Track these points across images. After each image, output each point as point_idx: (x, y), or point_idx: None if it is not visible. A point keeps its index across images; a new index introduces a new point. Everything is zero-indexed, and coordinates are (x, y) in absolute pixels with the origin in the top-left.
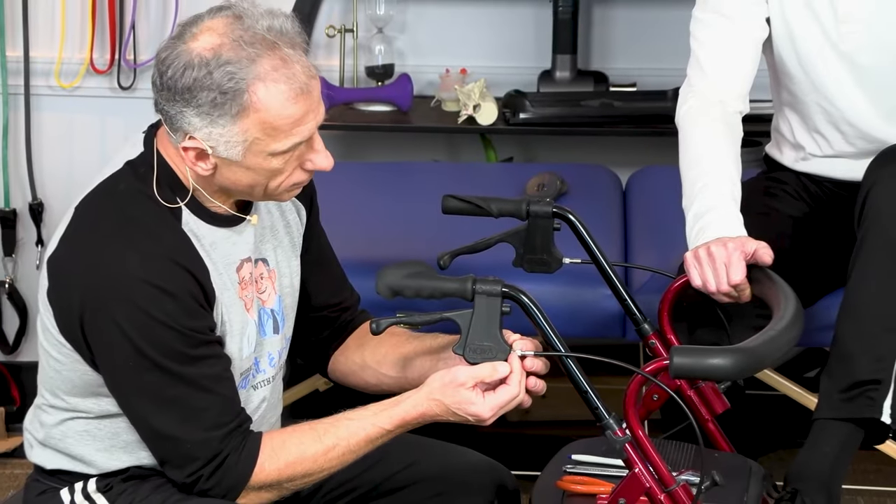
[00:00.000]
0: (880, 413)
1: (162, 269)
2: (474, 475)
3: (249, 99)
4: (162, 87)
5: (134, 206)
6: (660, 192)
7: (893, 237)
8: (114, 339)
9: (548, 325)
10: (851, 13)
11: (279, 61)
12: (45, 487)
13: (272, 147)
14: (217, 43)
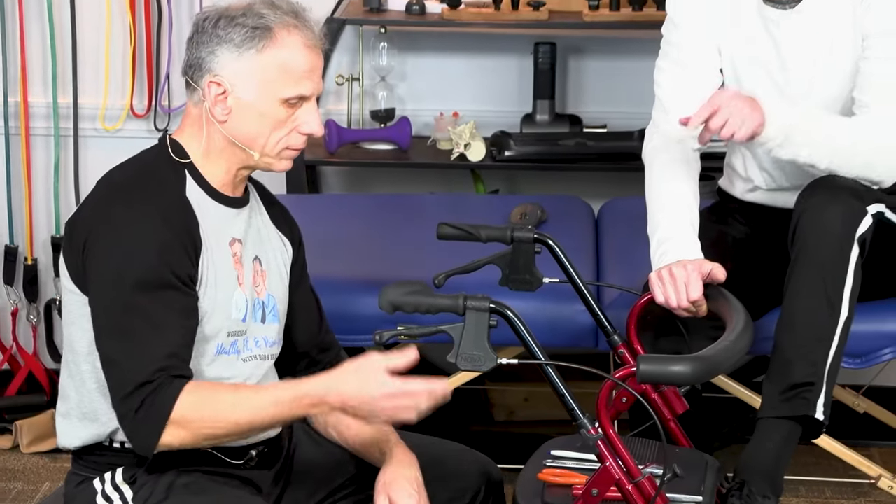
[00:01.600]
0: (815, 411)
1: (160, 213)
2: (465, 465)
3: (274, 36)
4: (200, 33)
5: (144, 172)
6: (627, 220)
7: (819, 258)
8: (100, 264)
9: (530, 336)
10: (794, 61)
11: (299, 21)
12: (81, 479)
13: (282, 91)
14: (249, 3)
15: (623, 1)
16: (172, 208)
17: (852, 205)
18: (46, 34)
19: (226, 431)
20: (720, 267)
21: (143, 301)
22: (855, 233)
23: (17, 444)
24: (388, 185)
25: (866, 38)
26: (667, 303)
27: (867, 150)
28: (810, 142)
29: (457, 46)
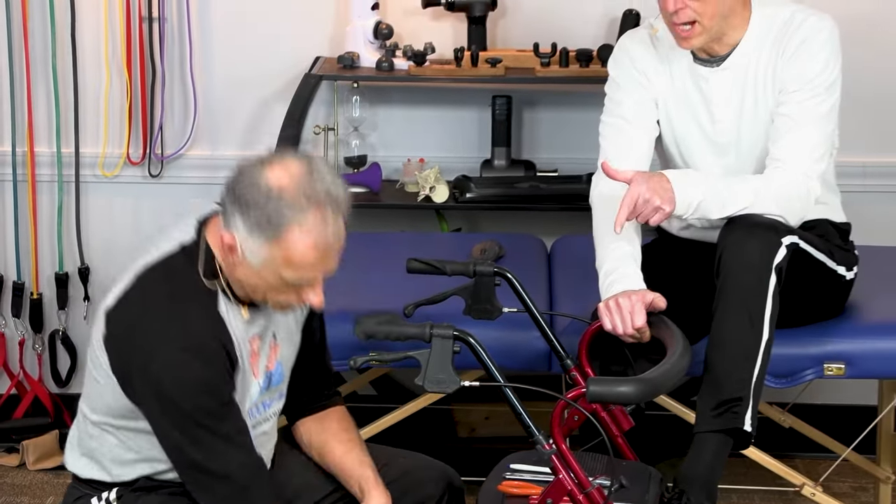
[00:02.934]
0: (743, 423)
1: (202, 343)
2: (429, 472)
3: (284, 235)
4: (231, 189)
5: (182, 286)
6: (577, 255)
7: (741, 286)
8: (156, 399)
9: (490, 360)
10: (722, 113)
11: (320, 220)
12: (80, 494)
13: (283, 273)
14: (286, 182)
15: (571, 58)
16: (211, 335)
17: (768, 238)
18: (51, 90)
19: None
20: (661, 296)
21: (213, 425)
22: (772, 263)
23: (23, 462)
24: (361, 225)
25: (782, 92)
26: (614, 330)
27: (775, 205)
28: (720, 209)
29: (422, 99)
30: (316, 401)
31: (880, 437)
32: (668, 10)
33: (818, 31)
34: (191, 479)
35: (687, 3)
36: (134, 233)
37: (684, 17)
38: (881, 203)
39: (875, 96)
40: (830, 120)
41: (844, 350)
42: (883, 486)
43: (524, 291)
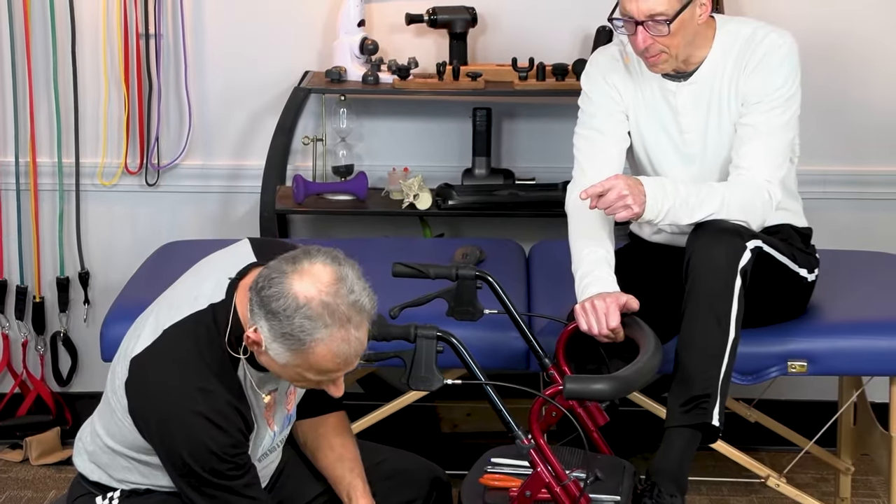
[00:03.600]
0: (711, 419)
1: (220, 409)
2: (417, 470)
3: (308, 349)
4: (259, 293)
5: (207, 349)
6: (554, 259)
7: (708, 289)
8: (171, 450)
9: (471, 360)
10: (690, 125)
11: (344, 335)
12: (84, 492)
13: (305, 374)
14: (312, 295)
15: (547, 72)
16: (231, 407)
17: (734, 242)
18: (52, 103)
19: None
20: (634, 298)
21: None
22: (737, 266)
23: (26, 458)
24: (348, 231)
25: (744, 104)
26: (589, 330)
27: (739, 210)
28: (689, 215)
29: (406, 111)
30: (317, 407)
31: (840, 430)
32: (639, 48)
33: (778, 48)
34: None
35: (655, 40)
36: (132, 239)
37: (654, 51)
38: (840, 209)
39: (834, 108)
40: (790, 130)
41: (807, 349)
42: (843, 476)
43: (504, 294)
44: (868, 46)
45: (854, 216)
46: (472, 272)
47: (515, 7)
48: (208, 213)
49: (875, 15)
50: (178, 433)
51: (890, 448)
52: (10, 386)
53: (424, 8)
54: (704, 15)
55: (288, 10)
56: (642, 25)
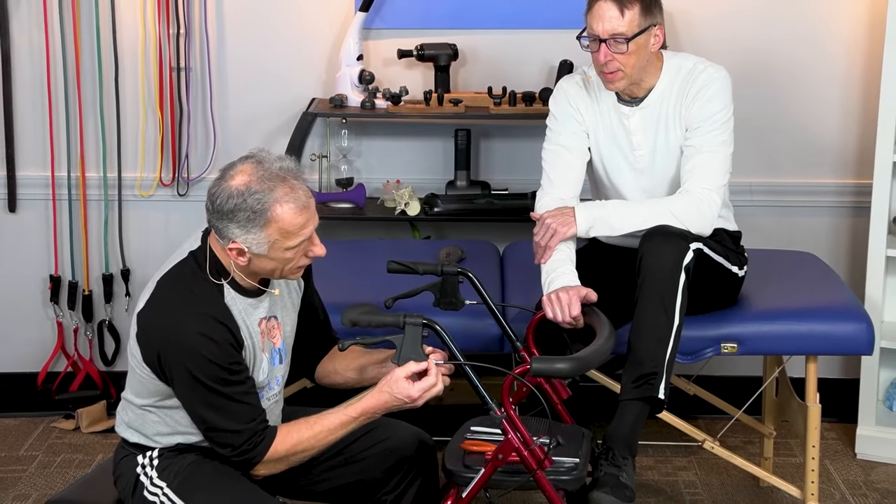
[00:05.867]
0: (658, 393)
1: (211, 326)
2: (406, 434)
3: (271, 215)
4: (213, 210)
5: (194, 285)
6: (524, 258)
7: (657, 283)
8: (180, 371)
9: (452, 343)
10: (640, 143)
11: (288, 189)
12: (127, 453)
13: (286, 244)
14: (247, 180)
15: (518, 99)
16: (219, 323)
17: (679, 244)
18: (98, 127)
19: (309, 456)
20: (593, 291)
21: (223, 389)
22: (682, 264)
23: (78, 427)
24: (349, 234)
25: (688, 129)
26: (554, 318)
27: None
28: (610, 230)
29: (398, 132)
30: (316, 350)
31: (765, 401)
32: (600, 63)
33: (714, 80)
34: (211, 438)
35: (614, 57)
36: (166, 240)
37: (612, 67)
38: (765, 215)
39: (757, 128)
40: (727, 147)
41: (737, 333)
42: (767, 440)
43: (482, 287)
44: (784, 76)
45: (775, 221)
46: (454, 269)
47: (491, 44)
48: None
49: (791, 47)
50: (182, 353)
51: (805, 416)
52: (63, 365)
53: (413, 45)
54: (657, 45)
55: (298, 47)
56: (605, 43)
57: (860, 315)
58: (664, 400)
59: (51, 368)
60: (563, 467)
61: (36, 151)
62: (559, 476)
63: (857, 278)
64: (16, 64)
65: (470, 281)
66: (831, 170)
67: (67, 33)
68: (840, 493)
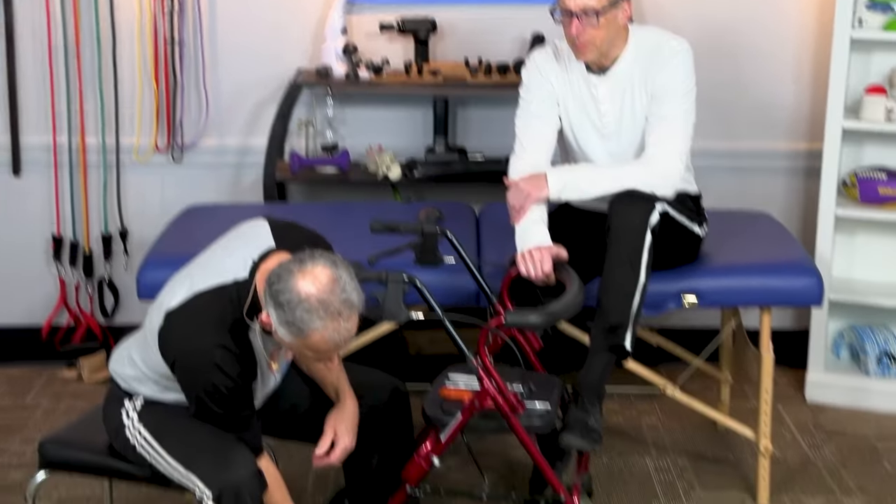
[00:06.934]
0: (625, 343)
1: (230, 362)
2: (380, 381)
3: (305, 337)
4: (270, 287)
5: (227, 315)
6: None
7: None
8: (189, 388)
9: (432, 298)
10: (607, 111)
11: (337, 326)
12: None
13: (305, 352)
14: (312, 293)
15: (493, 70)
16: (237, 361)
17: (646, 206)
18: (97, 96)
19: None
20: (564, 249)
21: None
22: (648, 224)
23: (80, 376)
24: (334, 196)
25: (653, 97)
26: (528, 275)
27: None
28: (580, 193)
29: (380, 101)
30: None
31: (722, 350)
32: (571, 36)
33: (678, 52)
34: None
35: (585, 30)
36: (161, 203)
37: (583, 40)
38: (723, 177)
39: (718, 96)
40: (690, 115)
41: (697, 287)
42: (723, 386)
43: (460, 246)
44: (742, 47)
45: (733, 183)
46: (434, 229)
47: (468, 18)
48: (222, 182)
49: (748, 20)
50: (195, 375)
51: (759, 363)
52: (66, 319)
53: (394, 19)
54: (625, 19)
55: (285, 21)
56: (576, 17)
57: (811, 270)
58: (630, 350)
59: (54, 322)
60: (535, 413)
61: (38, 119)
62: (531, 421)
63: (808, 236)
64: (19, 37)
65: (448, 240)
66: (785, 135)
67: (68, 7)
68: (791, 434)
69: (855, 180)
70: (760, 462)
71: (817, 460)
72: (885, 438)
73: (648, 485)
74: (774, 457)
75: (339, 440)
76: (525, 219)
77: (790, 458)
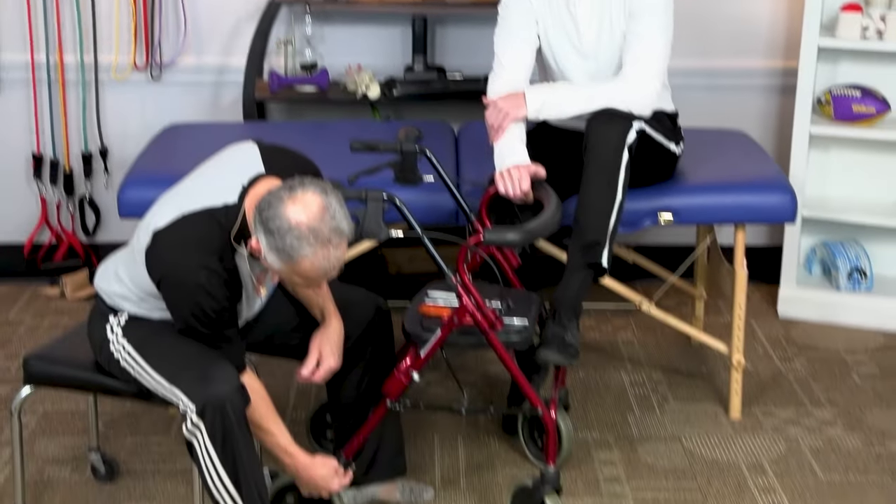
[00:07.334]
0: (602, 260)
1: (215, 284)
2: (363, 299)
3: (295, 264)
4: (260, 213)
5: (215, 238)
6: (478, 137)
7: (602, 161)
8: (175, 308)
9: (411, 216)
10: (585, 30)
11: (326, 254)
12: (100, 312)
13: (293, 278)
14: (301, 220)
15: None
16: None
17: (623, 124)
18: (74, 14)
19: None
20: (542, 167)
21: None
22: (625, 143)
23: (63, 293)
24: (313, 115)
25: (631, 15)
26: (506, 193)
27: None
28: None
29: (360, 19)
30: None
31: (697, 267)
32: None
33: None
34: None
35: None
36: (140, 122)
37: None
38: (700, 96)
39: (694, 14)
40: (666, 34)
41: (673, 204)
42: (698, 302)
43: (439, 164)
44: None
45: (709, 101)
46: (413, 147)
47: None
48: (201, 101)
49: None
50: (181, 295)
51: (733, 279)
52: (47, 237)
53: None
54: None
55: None
56: None
57: (785, 187)
58: (607, 267)
59: (36, 240)
60: (513, 328)
61: (16, 36)
62: (510, 336)
63: (782, 154)
64: None
65: (427, 158)
66: (761, 53)
67: None
68: (763, 348)
69: (829, 98)
70: (733, 375)
71: (788, 373)
72: (855, 352)
73: (624, 398)
74: (746, 370)
75: (323, 361)
76: (503, 137)
77: (762, 372)
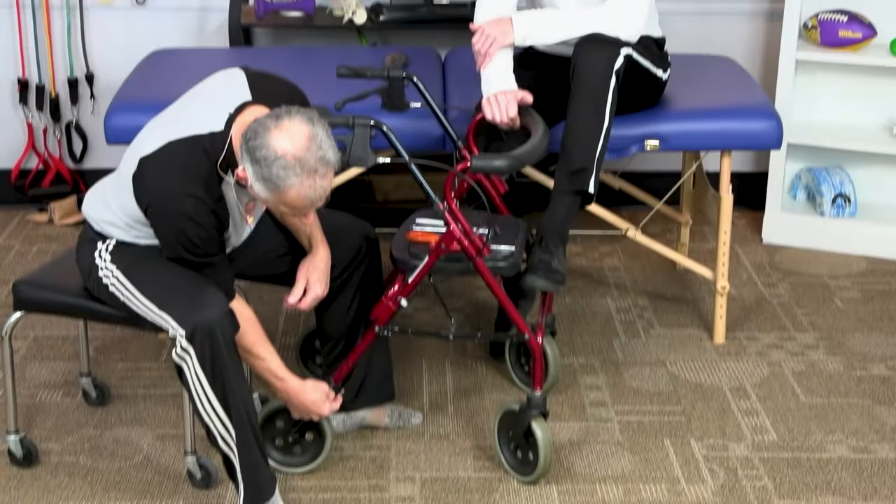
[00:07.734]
0: (588, 187)
1: (202, 212)
2: (351, 226)
3: (281, 191)
4: (247, 142)
5: (201, 166)
6: (464, 63)
7: (589, 86)
8: (162, 235)
9: (398, 142)
10: None
11: (312, 183)
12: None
13: (283, 208)
14: (287, 150)
15: None
16: (210, 212)
17: (611, 50)
18: None
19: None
20: (529, 93)
21: (195, 260)
22: (612, 68)
23: (51, 219)
24: (299, 41)
25: None
26: (493, 119)
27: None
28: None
29: None
30: None
31: (683, 193)
32: None
33: None
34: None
35: None
36: (126, 47)
37: None
38: (686, 21)
39: None
40: None
41: (659, 130)
42: (683, 228)
43: (426, 90)
44: None
45: (696, 27)
46: (400, 73)
47: None
48: (187, 27)
49: None
50: (168, 223)
51: (719, 205)
52: (34, 163)
53: None
54: None
55: None
56: None
57: (770, 113)
58: (594, 193)
59: (23, 166)
60: (500, 255)
61: None
62: (497, 263)
63: (769, 80)
64: None
65: (414, 85)
66: None
67: None
68: (747, 274)
69: (816, 23)
70: (717, 301)
71: (772, 298)
72: (837, 277)
73: (610, 324)
74: (731, 295)
75: (310, 288)
76: (490, 63)
77: (746, 297)
